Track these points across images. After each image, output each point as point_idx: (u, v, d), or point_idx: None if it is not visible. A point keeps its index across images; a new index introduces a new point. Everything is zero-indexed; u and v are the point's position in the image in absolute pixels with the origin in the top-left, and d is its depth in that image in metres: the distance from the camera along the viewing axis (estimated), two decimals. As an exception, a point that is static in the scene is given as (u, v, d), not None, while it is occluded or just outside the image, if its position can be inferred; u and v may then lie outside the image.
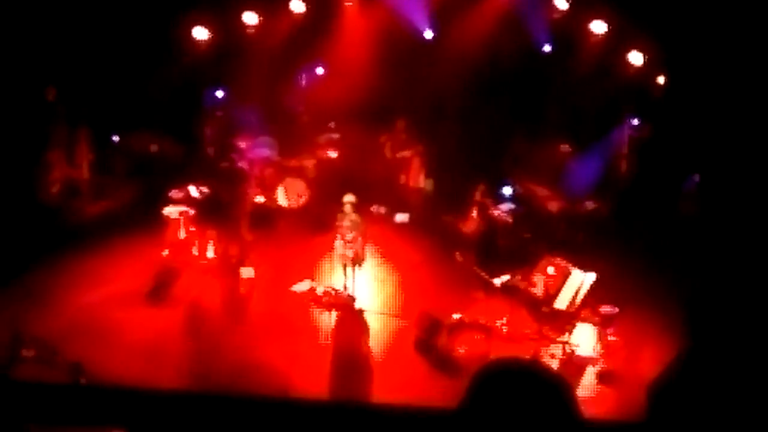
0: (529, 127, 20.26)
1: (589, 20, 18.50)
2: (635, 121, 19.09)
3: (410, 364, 13.30)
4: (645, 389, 13.11)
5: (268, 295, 15.13)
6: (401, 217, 18.12)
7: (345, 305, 14.73)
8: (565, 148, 19.62)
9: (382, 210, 18.17)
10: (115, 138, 18.69)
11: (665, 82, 18.45)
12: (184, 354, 13.27)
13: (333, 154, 19.01)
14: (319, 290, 14.99)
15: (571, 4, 18.64)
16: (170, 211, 15.85)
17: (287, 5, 19.19)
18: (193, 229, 15.87)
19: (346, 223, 14.79)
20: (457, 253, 15.49)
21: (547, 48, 19.71)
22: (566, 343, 13.51)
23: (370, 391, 12.69)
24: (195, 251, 15.81)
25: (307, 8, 19.37)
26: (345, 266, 14.90)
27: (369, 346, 13.84)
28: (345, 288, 14.90)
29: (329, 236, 15.22)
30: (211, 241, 16.01)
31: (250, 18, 18.82)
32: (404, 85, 20.01)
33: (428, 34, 20.24)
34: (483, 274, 14.36)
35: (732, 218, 15.83)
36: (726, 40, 16.93)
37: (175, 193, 16.19)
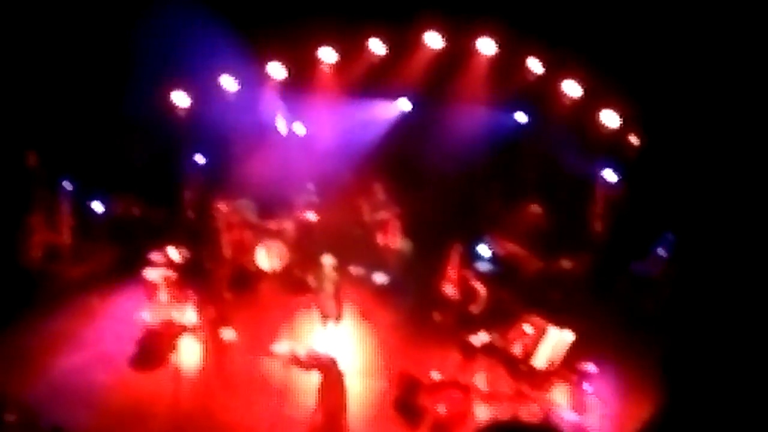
0: (504, 187, 20.51)
1: (563, 81, 18.71)
2: (610, 180, 19.24)
3: (391, 424, 13.38)
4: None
5: (250, 358, 15.17)
6: (380, 278, 18.21)
7: (326, 367, 14.76)
8: (539, 207, 19.82)
9: (361, 271, 18.27)
10: (97, 202, 18.71)
11: (639, 141, 18.64)
12: (165, 417, 13.30)
13: (311, 216, 19.13)
14: (300, 352, 15.02)
15: (545, 67, 18.89)
16: (151, 274, 15.93)
17: (265, 70, 19.43)
18: (174, 292, 15.93)
19: (325, 284, 14.90)
20: (436, 312, 15.59)
21: (521, 115, 20.07)
22: (545, 401, 13.61)
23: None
24: (175, 314, 15.87)
25: (287, 73, 19.60)
26: (325, 327, 14.98)
27: (349, 408, 13.87)
28: (325, 349, 14.96)
29: (309, 298, 15.33)
30: (192, 304, 16.07)
31: (228, 83, 19.05)
32: (382, 148, 20.31)
33: (405, 106, 20.59)
34: (461, 333, 14.48)
35: (706, 277, 15.97)
36: (700, 99, 17.20)
37: (155, 256, 16.30)
